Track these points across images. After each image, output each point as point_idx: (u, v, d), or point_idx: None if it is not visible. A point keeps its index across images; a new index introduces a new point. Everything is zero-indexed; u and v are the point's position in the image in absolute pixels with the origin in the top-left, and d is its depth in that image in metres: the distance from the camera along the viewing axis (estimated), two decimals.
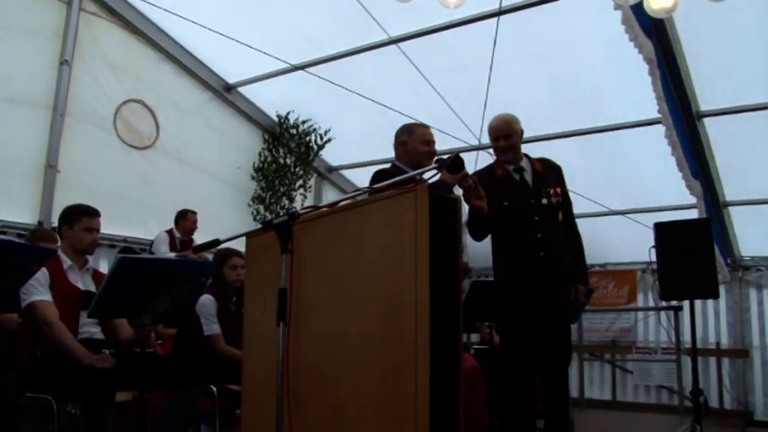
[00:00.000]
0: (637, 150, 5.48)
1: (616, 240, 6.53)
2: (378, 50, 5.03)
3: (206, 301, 3.13)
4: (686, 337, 4.34)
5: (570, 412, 4.27)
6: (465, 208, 2.63)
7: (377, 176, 2.66)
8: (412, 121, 3.14)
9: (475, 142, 5.31)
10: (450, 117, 5.19)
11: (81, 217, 2.72)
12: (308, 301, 2.00)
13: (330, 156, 6.97)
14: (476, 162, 4.79)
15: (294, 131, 6.51)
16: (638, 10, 3.49)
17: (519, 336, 2.78)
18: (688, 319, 3.96)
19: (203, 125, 5.96)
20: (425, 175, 2.13)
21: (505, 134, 2.92)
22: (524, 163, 2.96)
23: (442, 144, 5.68)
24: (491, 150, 3.17)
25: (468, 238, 2.85)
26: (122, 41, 5.27)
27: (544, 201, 2.86)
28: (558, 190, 2.93)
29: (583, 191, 5.40)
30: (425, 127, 2.88)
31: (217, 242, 1.94)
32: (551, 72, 4.95)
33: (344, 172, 7.25)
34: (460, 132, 5.30)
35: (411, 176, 2.06)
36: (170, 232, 5.11)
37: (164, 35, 5.48)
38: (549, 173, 2.98)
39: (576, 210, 5.83)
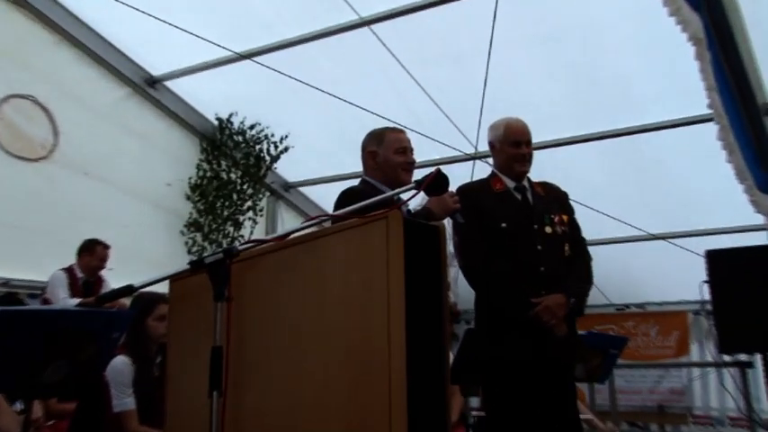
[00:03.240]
0: (680, 157, 5.62)
1: (658, 273, 6.64)
2: (346, 35, 5.13)
3: (120, 365, 3.11)
4: (763, 403, 4.31)
5: None
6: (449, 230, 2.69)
7: (344, 198, 2.71)
8: (388, 124, 3.20)
9: (470, 150, 5.38)
10: (438, 119, 5.29)
11: None
12: (250, 363, 2.02)
13: (287, 169, 7.04)
14: (471, 175, 4.87)
15: (239, 138, 6.56)
16: None
17: (514, 395, 2.82)
18: (762, 378, 3.95)
19: (119, 129, 5.98)
20: (405, 197, 2.18)
21: (528, 140, 3.08)
22: (525, 183, 3.10)
23: (430, 153, 5.82)
24: (490, 160, 3.26)
25: (456, 273, 2.91)
26: (3, 18, 5.21)
27: (548, 229, 2.97)
28: (565, 218, 3.04)
29: (609, 210, 5.50)
30: (399, 131, 2.95)
31: (129, 289, 1.94)
32: (566, 61, 5.08)
33: (305, 189, 7.30)
34: (451, 138, 5.40)
35: (383, 200, 2.10)
36: (70, 271, 5.03)
37: (63, 11, 5.47)
38: (553, 199, 3.11)
39: (601, 234, 5.84)
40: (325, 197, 6.82)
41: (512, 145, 3.05)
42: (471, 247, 2.97)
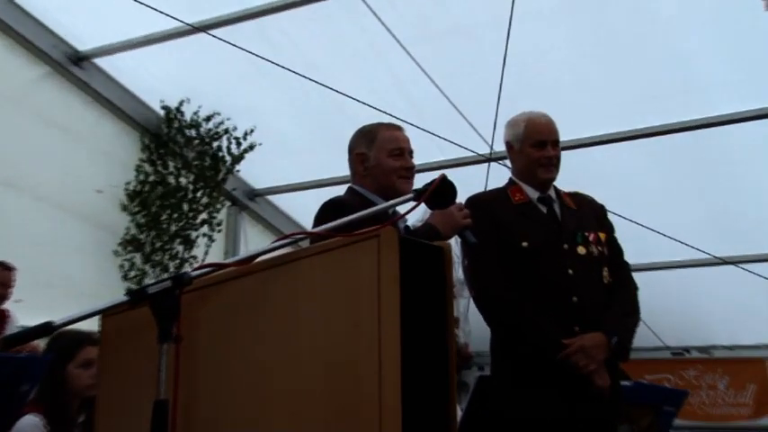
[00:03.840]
0: (755, 159, 5.69)
1: (727, 308, 6.63)
2: (329, 3, 5.13)
3: (28, 426, 3.09)
4: None
5: None
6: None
7: (325, 211, 2.73)
8: (382, 118, 3.23)
9: (484, 150, 5.41)
10: (444, 111, 5.33)
11: None
12: (204, 421, 2.03)
13: (252, 173, 7.08)
14: (486, 180, 4.89)
15: (192, 133, 6.60)
16: None
17: None
18: None
19: (33, 120, 5.97)
20: (402, 210, 2.20)
21: (556, 140, 3.12)
22: (552, 193, 3.14)
23: (434, 155, 5.81)
24: (508, 162, 3.28)
25: (466, 306, 2.90)
26: None
27: (581, 249, 2.99)
28: (603, 236, 3.07)
29: (663, 227, 5.51)
30: (395, 128, 2.98)
31: (47, 328, 1.94)
32: (607, 36, 5.11)
33: (276, 198, 7.33)
34: (461, 135, 5.44)
35: (374, 213, 2.12)
36: None
37: None
38: (587, 213, 3.14)
39: (652, 257, 5.83)
40: (302, 209, 6.82)
41: (534, 146, 3.08)
42: (486, 272, 2.99)
